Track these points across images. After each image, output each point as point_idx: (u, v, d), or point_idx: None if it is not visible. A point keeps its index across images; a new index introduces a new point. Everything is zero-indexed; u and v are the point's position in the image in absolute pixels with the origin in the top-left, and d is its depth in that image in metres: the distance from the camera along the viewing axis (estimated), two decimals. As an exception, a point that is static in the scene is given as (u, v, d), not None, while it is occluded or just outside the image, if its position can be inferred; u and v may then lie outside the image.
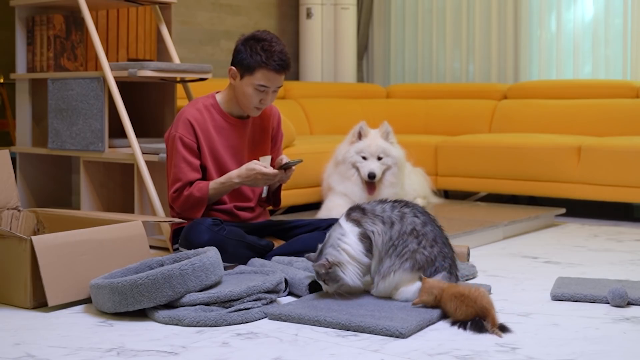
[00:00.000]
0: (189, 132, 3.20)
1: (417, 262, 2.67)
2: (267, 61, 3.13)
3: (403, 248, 2.68)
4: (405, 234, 2.70)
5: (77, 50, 4.33)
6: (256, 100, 3.20)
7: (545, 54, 6.38)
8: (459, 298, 2.50)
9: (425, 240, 2.70)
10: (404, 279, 2.68)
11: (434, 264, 2.68)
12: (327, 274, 2.69)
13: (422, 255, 2.68)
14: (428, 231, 2.73)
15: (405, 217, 2.73)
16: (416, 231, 2.70)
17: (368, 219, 2.73)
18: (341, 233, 2.72)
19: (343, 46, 6.82)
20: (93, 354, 2.22)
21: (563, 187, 5.05)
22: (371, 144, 4.34)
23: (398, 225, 2.71)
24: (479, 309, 2.45)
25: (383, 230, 2.71)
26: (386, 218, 2.72)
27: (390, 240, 2.69)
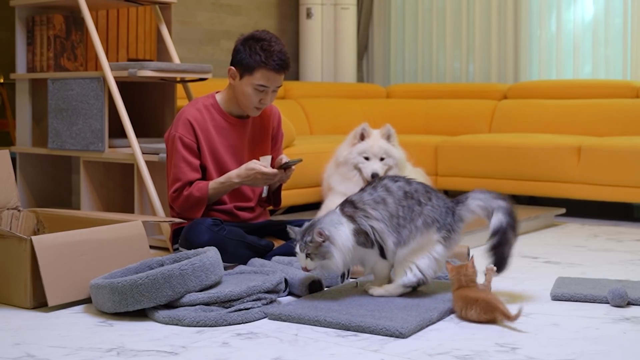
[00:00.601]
0: (188, 132, 3.20)
1: (426, 216, 2.70)
2: (267, 61, 3.13)
3: (410, 212, 2.70)
4: (401, 199, 2.70)
5: (77, 50, 4.33)
6: (256, 100, 3.20)
7: (545, 54, 6.38)
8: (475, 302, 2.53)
9: (421, 195, 2.73)
10: (424, 239, 2.70)
11: (441, 212, 2.73)
12: (319, 246, 2.63)
13: (427, 209, 2.71)
14: (416, 187, 2.76)
15: (390, 188, 2.73)
16: (408, 192, 2.72)
17: (360, 212, 2.70)
18: (339, 222, 2.69)
19: (343, 46, 6.82)
20: (93, 354, 2.22)
21: (563, 187, 5.05)
22: (374, 145, 4.35)
23: (390, 198, 2.70)
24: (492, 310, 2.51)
25: (380, 215, 2.69)
26: (377, 198, 2.71)
27: (393, 217, 2.69)
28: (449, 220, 2.74)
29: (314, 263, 2.66)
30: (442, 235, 2.72)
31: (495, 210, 2.76)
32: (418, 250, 2.70)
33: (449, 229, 2.74)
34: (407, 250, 2.69)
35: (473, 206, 2.78)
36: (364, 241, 2.69)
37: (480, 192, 2.81)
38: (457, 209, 2.77)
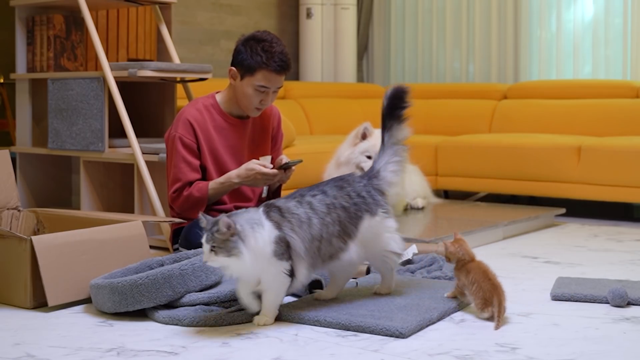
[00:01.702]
0: (188, 132, 3.20)
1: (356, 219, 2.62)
2: (268, 62, 3.13)
3: (338, 224, 2.58)
4: (325, 216, 2.56)
5: (77, 50, 4.33)
6: (256, 101, 3.20)
7: (545, 54, 6.38)
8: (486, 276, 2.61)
9: (342, 200, 2.62)
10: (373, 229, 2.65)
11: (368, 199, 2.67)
12: (226, 240, 2.36)
13: (352, 209, 2.62)
14: (333, 194, 2.62)
15: (313, 205, 2.56)
16: (330, 205, 2.59)
17: (287, 222, 2.49)
18: (259, 222, 2.44)
19: (343, 46, 6.82)
20: (93, 354, 2.22)
21: (563, 187, 5.05)
22: (376, 144, 4.32)
23: (315, 217, 2.54)
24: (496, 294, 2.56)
25: (302, 236, 2.50)
26: (302, 216, 2.53)
27: (314, 240, 2.52)
28: (377, 199, 2.69)
29: (218, 259, 2.37)
30: (382, 212, 2.68)
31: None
32: (377, 240, 2.68)
33: (381, 206, 2.69)
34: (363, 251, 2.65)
35: (389, 177, 2.76)
36: (282, 252, 2.44)
37: (383, 157, 2.79)
38: (376, 185, 2.72)
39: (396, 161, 2.78)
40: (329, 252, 2.57)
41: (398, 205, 4.49)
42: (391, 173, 2.76)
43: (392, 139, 2.83)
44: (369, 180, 2.73)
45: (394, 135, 2.83)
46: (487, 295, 2.57)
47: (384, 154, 2.78)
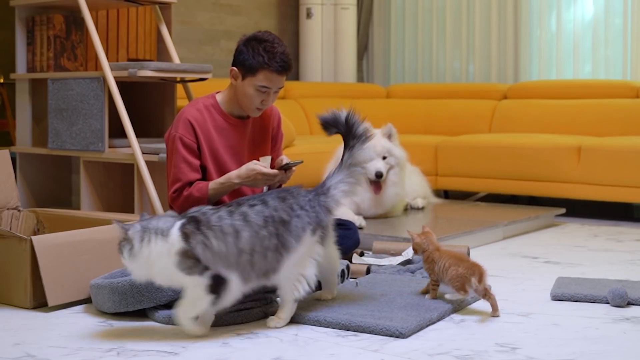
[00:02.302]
0: (189, 132, 3.20)
1: (295, 230, 2.47)
2: (269, 62, 3.13)
3: (275, 238, 2.43)
4: (261, 228, 2.42)
5: (77, 50, 4.33)
6: (257, 101, 3.20)
7: (545, 54, 6.38)
8: (459, 258, 2.68)
9: (282, 213, 2.47)
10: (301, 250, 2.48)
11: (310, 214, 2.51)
12: (119, 243, 2.37)
13: (294, 222, 2.47)
14: (275, 205, 2.48)
15: (248, 216, 2.44)
16: (268, 217, 2.45)
17: (201, 234, 2.37)
18: (162, 232, 2.36)
19: (343, 46, 6.82)
20: (93, 354, 2.22)
21: (563, 187, 5.05)
22: (376, 144, 4.35)
23: (246, 230, 2.41)
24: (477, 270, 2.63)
25: (224, 249, 2.37)
26: (228, 228, 2.40)
27: (243, 253, 2.40)
28: (320, 217, 2.52)
29: (122, 257, 2.38)
30: (318, 235, 2.52)
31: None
32: (300, 261, 2.48)
33: (322, 227, 2.53)
34: (286, 271, 2.46)
35: (338, 196, 2.60)
36: (189, 266, 2.34)
37: (336, 175, 2.63)
38: (323, 202, 2.56)
39: (349, 182, 2.63)
40: (264, 266, 2.42)
41: (398, 205, 4.49)
42: (341, 193, 2.61)
43: (350, 159, 2.64)
44: (317, 195, 2.57)
45: (354, 156, 2.65)
46: (467, 273, 2.63)
47: (339, 173, 2.63)
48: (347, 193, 2.63)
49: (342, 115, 2.68)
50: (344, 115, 2.68)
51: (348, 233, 3.34)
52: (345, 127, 2.67)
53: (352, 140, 2.66)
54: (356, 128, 2.67)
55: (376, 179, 4.30)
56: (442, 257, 2.72)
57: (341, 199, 2.61)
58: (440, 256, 2.72)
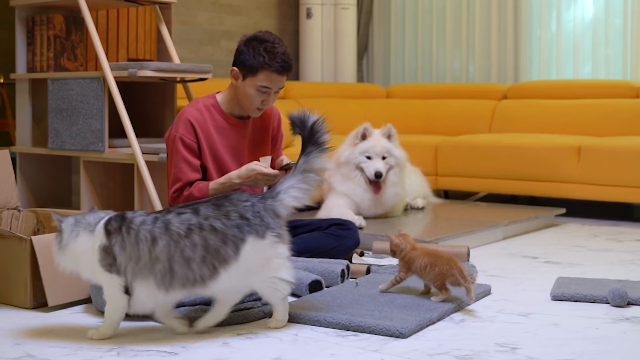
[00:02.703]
0: (189, 132, 3.20)
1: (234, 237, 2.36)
2: (270, 62, 3.13)
3: (203, 249, 2.33)
4: (182, 238, 2.33)
5: (77, 50, 4.33)
6: (258, 101, 3.20)
7: (545, 54, 6.38)
8: (437, 255, 2.72)
9: (213, 221, 2.36)
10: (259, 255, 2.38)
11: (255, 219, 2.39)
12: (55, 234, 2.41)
13: (231, 231, 2.36)
14: (205, 213, 2.38)
15: (171, 225, 2.35)
16: (193, 226, 2.35)
17: (120, 235, 2.34)
18: (89, 227, 2.37)
19: (343, 46, 6.82)
20: (93, 354, 2.22)
21: (563, 187, 5.05)
22: (376, 145, 4.35)
23: (164, 239, 2.33)
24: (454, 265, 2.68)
25: (134, 255, 2.33)
26: (147, 235, 2.34)
27: (158, 261, 2.32)
28: (266, 221, 2.40)
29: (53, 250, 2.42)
30: (273, 236, 2.40)
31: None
32: (265, 266, 2.40)
33: (272, 229, 2.41)
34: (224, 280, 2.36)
35: (287, 201, 2.48)
36: (109, 263, 2.34)
37: (289, 180, 2.51)
38: (269, 205, 2.44)
39: (302, 189, 2.50)
40: (188, 277, 2.32)
41: (398, 205, 4.49)
42: (291, 198, 2.48)
43: (305, 165, 2.52)
44: (264, 200, 2.45)
45: (310, 162, 2.52)
46: (444, 270, 2.67)
47: (292, 177, 2.51)
48: (298, 199, 2.49)
49: (310, 119, 2.56)
50: (311, 120, 2.55)
51: (348, 233, 3.34)
52: (309, 132, 2.54)
53: (311, 146, 2.54)
54: (319, 136, 2.54)
55: (375, 179, 4.30)
56: (418, 255, 2.75)
57: (291, 203, 2.48)
58: (417, 255, 2.76)
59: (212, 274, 2.34)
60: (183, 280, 2.33)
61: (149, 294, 2.34)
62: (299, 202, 2.50)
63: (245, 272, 2.37)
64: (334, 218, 3.56)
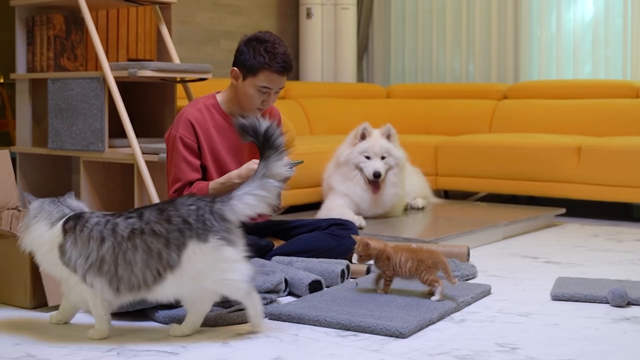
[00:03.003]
0: (189, 132, 3.20)
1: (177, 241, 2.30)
2: (270, 63, 3.13)
3: (146, 253, 2.30)
4: (124, 241, 2.32)
5: (77, 50, 4.33)
6: (258, 102, 3.21)
7: (545, 54, 6.38)
8: (414, 250, 2.74)
9: (154, 225, 2.32)
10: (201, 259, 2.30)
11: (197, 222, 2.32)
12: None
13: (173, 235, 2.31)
14: (148, 217, 2.34)
15: (117, 228, 2.34)
16: (136, 230, 2.33)
17: (73, 234, 2.37)
18: (50, 219, 2.43)
19: (343, 46, 6.82)
20: (93, 353, 2.22)
21: (563, 187, 5.05)
22: (375, 144, 4.35)
23: (109, 241, 2.33)
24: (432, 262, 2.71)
25: (85, 253, 2.34)
26: (97, 234, 2.35)
27: (105, 263, 2.32)
28: (209, 224, 2.31)
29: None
30: (217, 239, 2.31)
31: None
32: (212, 269, 2.32)
33: (215, 232, 2.31)
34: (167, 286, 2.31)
35: (239, 208, 2.36)
36: (66, 261, 2.37)
37: (246, 186, 2.41)
38: (217, 209, 2.34)
39: (259, 195, 2.38)
40: (132, 281, 2.31)
41: (398, 205, 4.50)
42: (244, 205, 2.36)
43: (265, 170, 2.41)
44: (212, 203, 2.36)
45: (269, 167, 2.41)
46: (431, 263, 2.72)
47: (250, 184, 2.39)
48: (252, 207, 2.36)
49: (262, 125, 2.43)
50: (264, 125, 2.43)
51: (348, 233, 3.34)
52: (263, 137, 2.42)
53: (268, 150, 2.42)
54: (274, 139, 2.42)
55: (374, 179, 4.31)
56: (396, 252, 2.77)
57: (242, 210, 2.35)
58: (395, 251, 2.77)
59: (156, 279, 2.30)
60: (129, 284, 2.32)
61: (106, 292, 2.35)
62: (252, 209, 2.37)
63: (191, 276, 2.30)
64: (334, 218, 3.56)
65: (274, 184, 2.41)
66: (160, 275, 2.30)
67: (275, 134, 2.43)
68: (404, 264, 2.74)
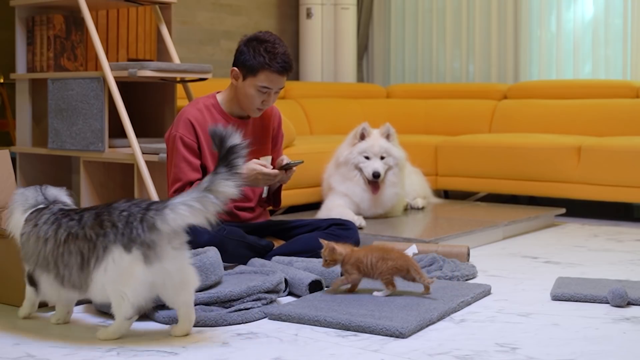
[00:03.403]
0: (189, 131, 3.21)
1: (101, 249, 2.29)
2: (271, 63, 3.14)
3: (77, 257, 2.31)
4: (61, 244, 2.33)
5: (77, 50, 4.33)
6: (258, 102, 3.21)
7: (545, 54, 6.38)
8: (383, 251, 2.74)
9: (89, 230, 2.30)
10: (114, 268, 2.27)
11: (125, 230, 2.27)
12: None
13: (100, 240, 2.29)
14: (85, 221, 2.33)
15: (59, 228, 2.35)
16: (72, 234, 2.33)
17: (28, 227, 2.42)
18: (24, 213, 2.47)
19: (343, 46, 6.82)
20: (93, 353, 2.22)
21: (563, 187, 5.05)
22: (374, 144, 4.35)
23: (51, 241, 2.36)
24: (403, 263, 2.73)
25: (35, 250, 2.39)
26: (43, 233, 2.37)
27: (49, 263, 2.36)
28: (136, 233, 2.26)
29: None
30: (138, 253, 2.25)
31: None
32: (118, 277, 2.27)
33: (140, 244, 2.25)
34: (94, 286, 2.32)
35: (170, 218, 2.27)
36: (22, 256, 2.44)
37: (185, 195, 2.31)
38: (148, 217, 2.28)
39: (194, 208, 2.27)
40: (73, 281, 2.34)
41: (398, 205, 4.50)
42: (177, 215, 2.27)
43: (209, 184, 2.27)
44: (146, 210, 2.29)
45: (215, 183, 2.27)
46: (399, 264, 2.73)
47: (189, 194, 2.30)
48: (185, 218, 2.26)
49: (230, 140, 2.30)
50: (232, 141, 2.30)
51: (348, 233, 3.34)
52: (225, 152, 2.29)
53: (223, 166, 2.29)
54: (234, 158, 2.29)
55: (374, 179, 4.30)
56: (366, 254, 2.76)
57: (175, 221, 2.26)
58: (364, 253, 2.76)
59: (87, 281, 2.32)
60: (70, 284, 2.36)
61: (46, 286, 2.43)
62: (185, 220, 2.26)
63: (111, 280, 2.29)
64: (334, 218, 3.56)
65: (213, 200, 2.27)
66: (89, 277, 2.31)
67: (238, 154, 2.29)
68: (375, 264, 2.74)
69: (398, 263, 2.73)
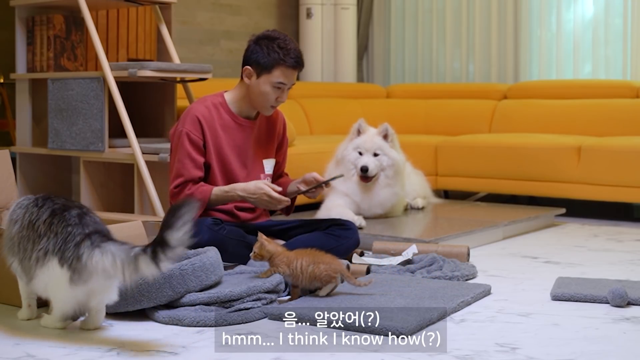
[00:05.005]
0: (196, 128, 3.21)
1: (41, 250, 2.34)
2: (285, 58, 3.16)
3: (28, 244, 2.37)
4: (23, 229, 2.38)
5: (77, 50, 4.33)
6: (273, 99, 3.23)
7: (545, 54, 6.38)
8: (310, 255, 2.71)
9: (42, 225, 2.35)
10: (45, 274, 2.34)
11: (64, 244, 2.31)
12: None
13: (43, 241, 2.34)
14: (42, 215, 2.37)
15: (26, 213, 2.40)
16: (31, 222, 2.37)
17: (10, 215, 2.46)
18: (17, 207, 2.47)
19: (343, 46, 6.82)
20: (93, 354, 2.22)
21: (563, 187, 5.05)
22: (367, 140, 4.34)
23: (18, 224, 2.41)
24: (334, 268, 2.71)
25: (10, 234, 2.43)
26: (15, 216, 2.43)
27: (11, 240, 2.42)
28: (68, 255, 2.30)
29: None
30: (66, 272, 2.30)
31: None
32: (49, 283, 2.35)
33: (69, 266, 2.30)
34: (37, 282, 2.38)
35: (94, 260, 2.27)
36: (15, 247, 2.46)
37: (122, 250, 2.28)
38: (84, 246, 2.30)
39: (116, 266, 2.26)
40: (24, 268, 2.42)
41: (398, 205, 4.49)
42: (100, 261, 2.27)
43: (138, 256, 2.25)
44: (86, 238, 2.32)
45: (140, 261, 2.24)
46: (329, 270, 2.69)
47: (125, 250, 2.27)
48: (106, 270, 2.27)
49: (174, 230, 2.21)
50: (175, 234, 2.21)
51: (348, 233, 3.34)
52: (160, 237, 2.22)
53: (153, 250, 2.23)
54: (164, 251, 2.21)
55: (362, 173, 4.30)
56: (299, 256, 2.72)
57: (97, 265, 2.27)
58: (297, 256, 2.72)
59: (32, 275, 2.38)
60: (25, 270, 2.41)
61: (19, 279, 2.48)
62: (104, 269, 2.27)
63: (47, 283, 2.36)
64: (333, 218, 3.56)
65: (132, 270, 2.25)
66: (36, 274, 2.37)
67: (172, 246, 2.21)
68: (305, 268, 2.70)
69: (331, 267, 2.70)
